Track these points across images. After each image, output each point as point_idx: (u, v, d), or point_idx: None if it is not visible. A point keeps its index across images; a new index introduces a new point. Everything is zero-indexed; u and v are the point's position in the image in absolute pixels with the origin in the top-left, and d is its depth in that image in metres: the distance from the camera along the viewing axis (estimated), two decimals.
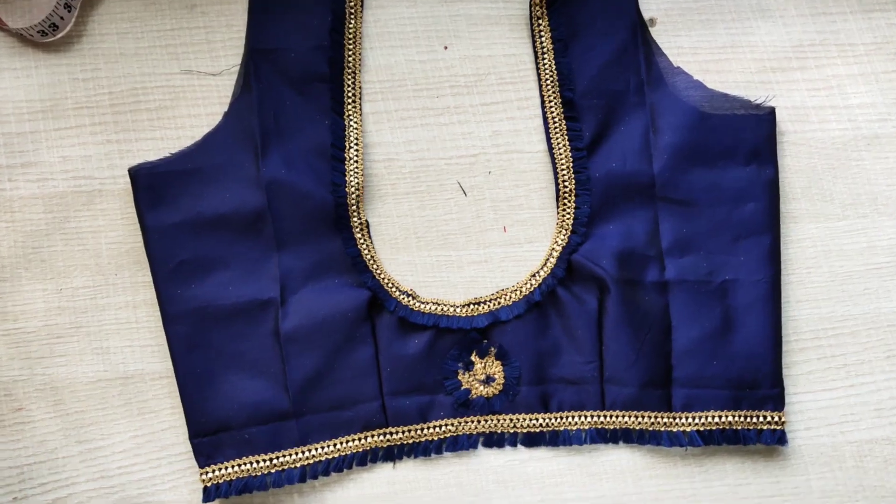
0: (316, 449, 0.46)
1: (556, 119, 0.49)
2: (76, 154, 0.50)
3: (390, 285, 0.48)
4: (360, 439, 0.47)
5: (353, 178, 0.48)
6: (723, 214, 0.47)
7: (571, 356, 0.47)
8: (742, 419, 0.47)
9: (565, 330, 0.47)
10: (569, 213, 0.48)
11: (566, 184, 0.49)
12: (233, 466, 0.45)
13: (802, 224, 0.50)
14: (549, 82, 0.50)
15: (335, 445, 0.46)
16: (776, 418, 0.47)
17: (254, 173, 0.46)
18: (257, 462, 0.45)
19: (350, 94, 0.49)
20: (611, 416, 0.47)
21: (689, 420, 0.47)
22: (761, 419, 0.47)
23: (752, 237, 0.48)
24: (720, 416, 0.47)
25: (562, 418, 0.47)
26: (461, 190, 0.49)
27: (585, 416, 0.47)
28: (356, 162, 0.48)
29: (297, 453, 0.46)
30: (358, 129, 0.49)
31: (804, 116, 0.51)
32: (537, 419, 0.47)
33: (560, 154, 0.49)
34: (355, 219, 0.48)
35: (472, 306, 0.48)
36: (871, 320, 0.50)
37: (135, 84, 0.50)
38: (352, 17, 0.50)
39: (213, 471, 0.45)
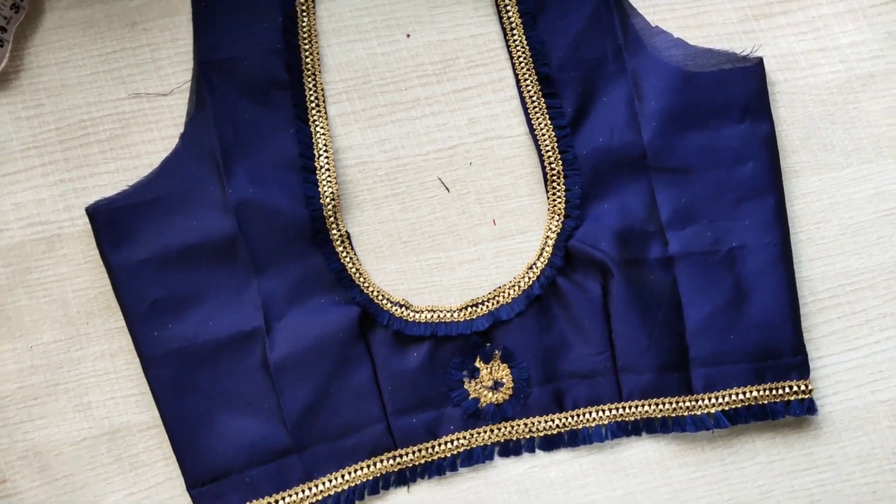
0: (324, 483, 0.45)
1: (535, 98, 0.47)
2: (29, 199, 0.48)
3: (380, 298, 0.46)
4: (368, 466, 0.45)
5: (326, 187, 0.46)
6: (721, 178, 0.46)
7: (581, 349, 0.45)
8: (767, 392, 0.46)
9: (571, 322, 0.46)
10: (559, 197, 0.47)
11: (553, 166, 0.47)
12: None
13: (805, 177, 0.49)
14: (521, 60, 0.48)
15: (343, 476, 0.45)
16: (802, 387, 0.46)
17: (219, 196, 0.44)
18: None
19: (313, 98, 0.47)
20: (630, 408, 0.46)
21: (713, 401, 0.45)
22: (787, 390, 0.46)
23: (755, 198, 0.46)
24: (744, 393, 0.46)
25: (579, 416, 0.46)
26: (443, 186, 0.48)
27: (603, 411, 0.46)
28: (328, 170, 0.46)
29: (304, 490, 0.44)
30: (326, 135, 0.47)
31: (793, 63, 0.49)
32: (553, 420, 0.46)
33: (543, 135, 0.47)
34: (334, 231, 0.46)
35: (469, 309, 0.47)
36: (889, 270, 0.48)
37: (82, 116, 0.48)
38: (304, 14, 0.48)
39: None
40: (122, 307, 0.45)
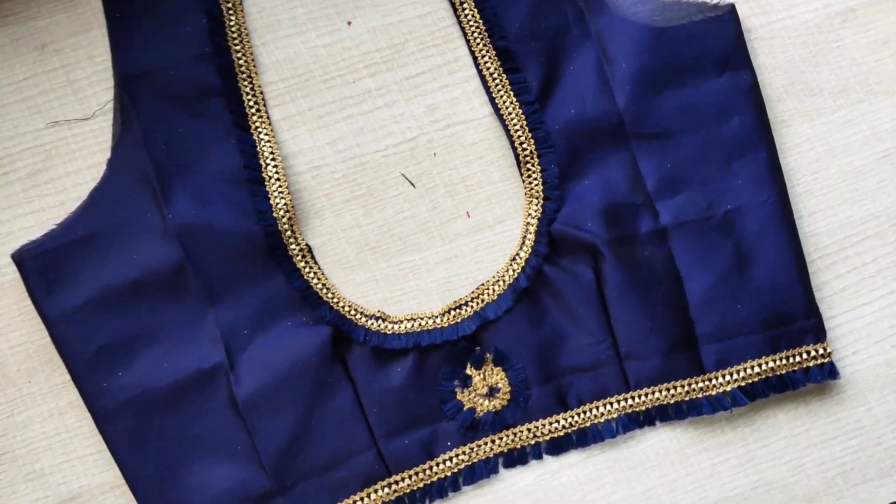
0: None
1: (495, 75, 0.45)
2: None
3: (353, 312, 0.44)
4: (363, 499, 0.43)
5: (278, 199, 0.43)
6: (707, 137, 0.44)
7: (579, 340, 0.43)
8: (784, 361, 0.44)
9: (564, 312, 0.44)
10: (535, 179, 0.44)
11: (524, 146, 0.45)
12: None
13: (795, 126, 0.47)
14: (476, 35, 0.46)
15: None
16: (820, 350, 0.44)
17: (159, 222, 0.42)
18: None
19: (251, 103, 0.45)
20: (639, 397, 0.44)
21: (727, 378, 0.43)
22: (805, 356, 0.44)
23: (745, 155, 0.44)
24: (760, 365, 0.44)
25: (585, 413, 0.44)
26: (408, 182, 0.45)
27: (611, 404, 0.44)
28: (278, 180, 0.44)
29: None
30: (271, 142, 0.45)
31: (768, 6, 0.48)
32: (558, 421, 0.44)
33: (509, 113, 0.45)
34: (293, 246, 0.44)
35: (453, 312, 0.44)
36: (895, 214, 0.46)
37: None
38: (230, 13, 0.46)
39: None
40: (64, 359, 0.42)
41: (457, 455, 0.43)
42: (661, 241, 0.44)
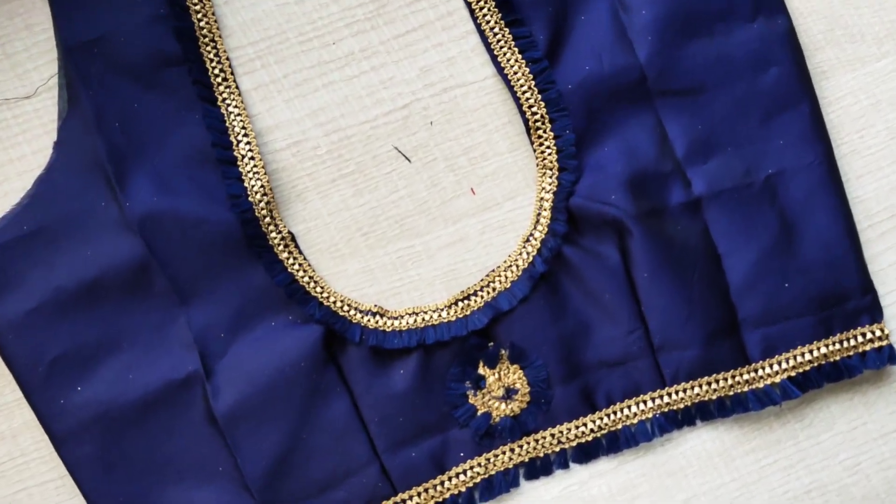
0: None
1: (496, 29, 0.42)
2: None
3: (346, 308, 0.41)
4: None
5: (254, 181, 0.40)
6: (742, 91, 0.41)
7: (606, 331, 0.41)
8: (838, 346, 0.41)
9: (588, 299, 0.41)
10: (548, 147, 0.41)
11: (534, 109, 0.41)
12: None
13: (836, 77, 0.44)
14: None
15: None
16: (877, 332, 0.41)
17: (116, 213, 0.39)
18: None
19: (217, 71, 0.42)
20: (676, 393, 0.41)
21: (776, 367, 0.41)
22: (860, 339, 0.41)
23: (786, 110, 0.41)
24: (811, 352, 0.41)
25: (616, 413, 0.41)
26: (402, 156, 0.42)
27: (645, 402, 0.41)
28: (252, 158, 0.41)
29: None
30: (242, 115, 0.41)
31: None
32: (586, 424, 0.41)
33: (514, 73, 0.42)
34: (273, 234, 0.40)
35: (460, 304, 0.41)
36: None
37: None
38: None
39: None
40: (13, 374, 0.39)
41: (471, 467, 0.41)
42: (695, 213, 0.41)
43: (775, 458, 0.42)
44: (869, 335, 0.41)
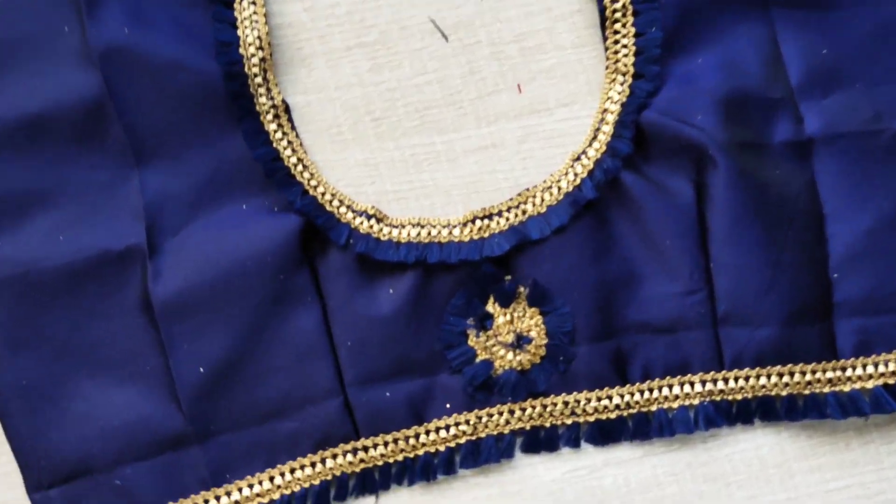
0: (241, 490, 0.35)
1: None
2: None
3: (336, 204, 0.36)
4: (314, 465, 0.35)
5: (249, 29, 0.35)
6: (889, 15, 0.35)
7: (659, 285, 0.35)
8: None
9: (644, 242, 0.35)
10: (625, 47, 0.36)
11: None
12: None
13: None
14: None
15: (273, 480, 0.35)
16: None
17: (78, 41, 0.34)
18: None
19: None
20: (736, 381, 0.35)
21: (869, 369, 0.35)
22: None
23: None
24: None
25: (652, 391, 0.35)
26: (438, 31, 0.37)
27: (692, 384, 0.35)
28: (253, 3, 0.35)
29: (209, 501, 0.35)
30: None
31: None
32: (611, 397, 0.35)
33: None
34: (263, 99, 0.35)
35: (479, 223, 0.36)
36: None
37: None
38: None
39: None
40: None
41: (457, 423, 0.35)
42: (803, 157, 0.34)
43: (847, 483, 0.36)
44: None
